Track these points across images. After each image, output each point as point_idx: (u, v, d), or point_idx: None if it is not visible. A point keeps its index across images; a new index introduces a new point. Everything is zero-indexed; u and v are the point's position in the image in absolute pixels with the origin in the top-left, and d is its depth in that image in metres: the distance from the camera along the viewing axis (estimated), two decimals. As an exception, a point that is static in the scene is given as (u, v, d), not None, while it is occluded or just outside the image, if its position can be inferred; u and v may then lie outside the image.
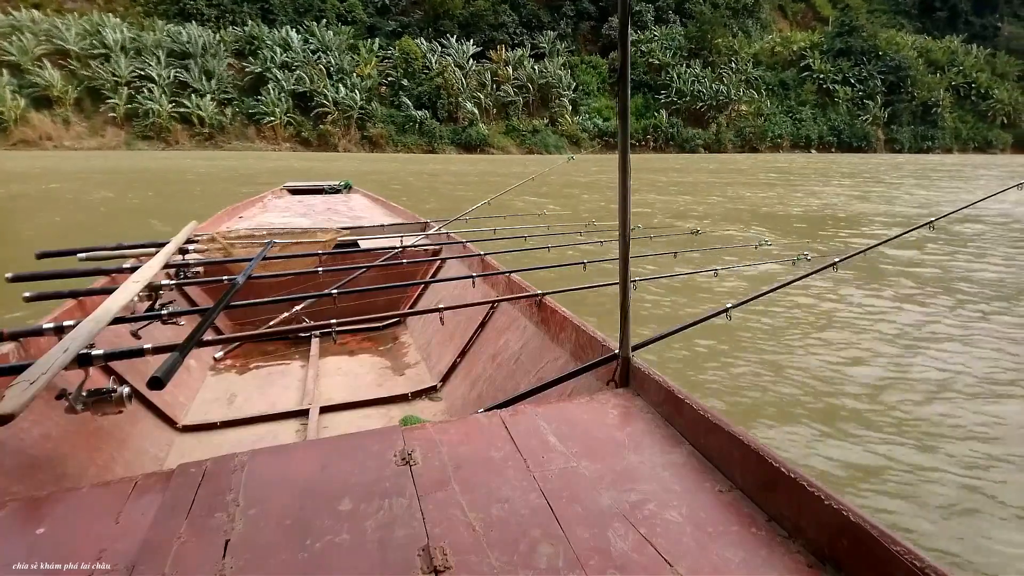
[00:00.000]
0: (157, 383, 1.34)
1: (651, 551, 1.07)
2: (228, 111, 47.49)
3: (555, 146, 51.72)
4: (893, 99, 61.36)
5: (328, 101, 48.51)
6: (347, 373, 3.54)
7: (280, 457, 1.40)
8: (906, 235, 2.71)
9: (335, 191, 8.93)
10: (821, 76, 60.81)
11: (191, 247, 3.24)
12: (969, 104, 64.71)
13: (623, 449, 1.42)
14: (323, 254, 3.58)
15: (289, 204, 7.39)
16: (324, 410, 3.01)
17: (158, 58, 46.29)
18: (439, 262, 4.54)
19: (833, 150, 58.38)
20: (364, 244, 4.52)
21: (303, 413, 2.96)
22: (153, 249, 2.93)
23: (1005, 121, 64.11)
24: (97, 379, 2.30)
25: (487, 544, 1.08)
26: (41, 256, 2.88)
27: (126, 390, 1.61)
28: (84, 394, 1.57)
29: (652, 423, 1.55)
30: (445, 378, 3.28)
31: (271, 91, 47.61)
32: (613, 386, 1.80)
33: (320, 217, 6.06)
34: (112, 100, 44.63)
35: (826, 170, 34.07)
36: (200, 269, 3.18)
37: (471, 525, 1.13)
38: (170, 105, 45.37)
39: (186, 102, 45.91)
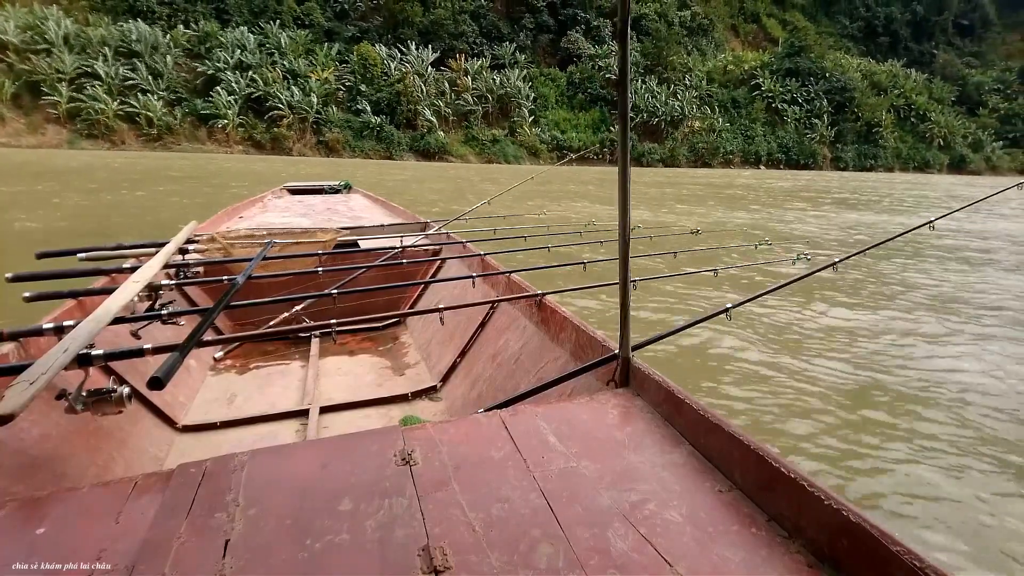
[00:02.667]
0: (157, 383, 1.34)
1: (651, 551, 1.08)
2: (177, 112, 45.97)
3: (514, 156, 51.92)
4: (839, 119, 63.83)
5: (283, 104, 47.57)
6: (347, 373, 3.52)
7: (280, 457, 1.39)
8: (906, 234, 2.81)
9: (335, 191, 8.90)
10: (771, 95, 62.92)
11: (191, 247, 3.20)
12: (909, 125, 67.90)
13: (623, 449, 1.43)
14: (323, 254, 3.56)
15: (289, 204, 7.31)
16: (324, 410, 2.99)
17: (104, 55, 44.58)
18: (439, 262, 4.54)
19: (781, 167, 60.23)
20: (364, 244, 4.50)
21: (303, 413, 2.94)
22: (153, 249, 2.90)
23: (941, 143, 67.53)
24: (97, 379, 2.26)
25: (487, 544, 1.08)
26: (41, 256, 2.82)
27: (126, 390, 1.60)
28: (84, 394, 1.55)
29: (652, 423, 1.56)
30: (445, 378, 3.29)
31: (222, 93, 46.36)
32: (613, 386, 1.82)
33: (320, 217, 6.01)
34: (52, 96, 42.71)
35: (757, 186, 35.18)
36: (200, 269, 3.14)
37: (471, 525, 1.13)
38: (116, 104, 43.70)
39: (133, 101, 44.29)
